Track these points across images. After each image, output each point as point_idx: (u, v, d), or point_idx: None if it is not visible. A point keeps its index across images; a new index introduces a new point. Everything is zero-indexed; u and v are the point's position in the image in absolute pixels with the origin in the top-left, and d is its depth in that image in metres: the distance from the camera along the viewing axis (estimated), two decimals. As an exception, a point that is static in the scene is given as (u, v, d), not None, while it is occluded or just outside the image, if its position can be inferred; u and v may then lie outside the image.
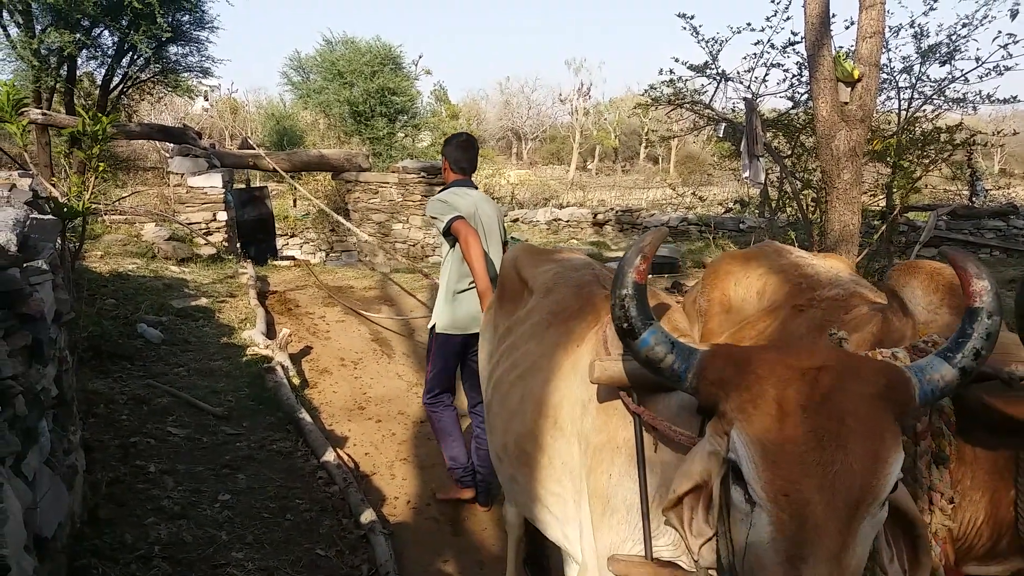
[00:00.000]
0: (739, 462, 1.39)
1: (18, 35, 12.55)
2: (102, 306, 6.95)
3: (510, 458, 2.57)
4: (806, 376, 1.39)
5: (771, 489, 1.33)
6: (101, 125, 5.23)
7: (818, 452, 1.31)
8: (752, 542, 1.37)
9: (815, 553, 1.28)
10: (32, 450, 2.36)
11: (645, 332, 1.58)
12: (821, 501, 1.29)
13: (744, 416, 1.40)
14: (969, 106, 10.03)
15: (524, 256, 3.26)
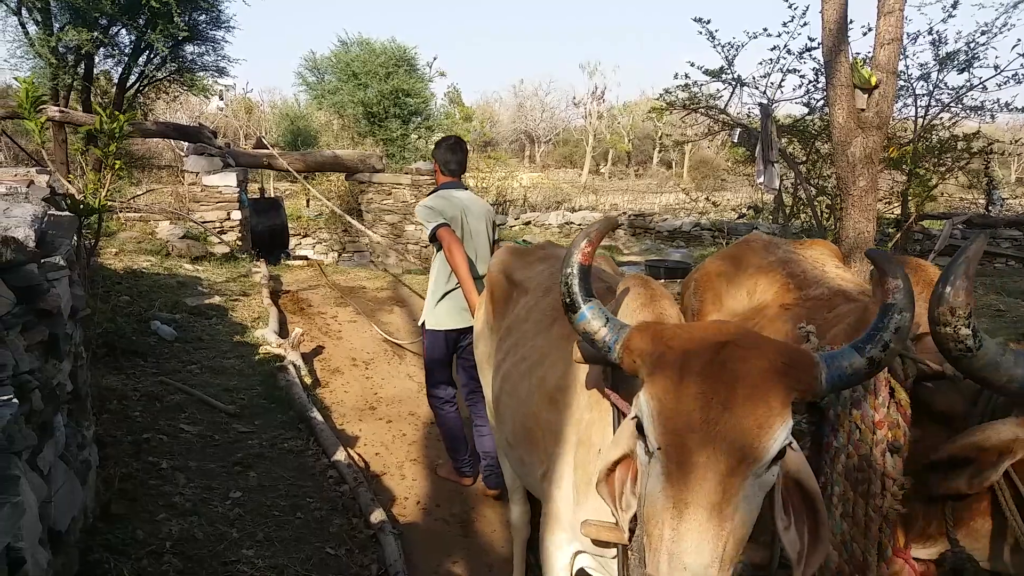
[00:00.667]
0: (641, 418, 1.58)
1: (36, 33, 12.65)
2: (116, 303, 6.99)
3: (521, 443, 2.75)
4: (709, 348, 1.57)
5: (662, 440, 1.51)
6: (118, 123, 5.26)
7: (705, 411, 1.48)
8: (647, 491, 1.54)
9: (696, 500, 1.44)
10: (48, 444, 2.38)
11: (584, 307, 1.77)
12: (703, 454, 1.45)
13: (650, 379, 1.59)
14: (987, 114, 9.98)
15: (511, 259, 3.46)
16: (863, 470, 1.93)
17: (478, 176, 19.18)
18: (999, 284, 12.41)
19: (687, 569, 1.43)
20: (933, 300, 1.65)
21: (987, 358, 1.64)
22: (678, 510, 1.46)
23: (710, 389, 1.51)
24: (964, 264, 1.65)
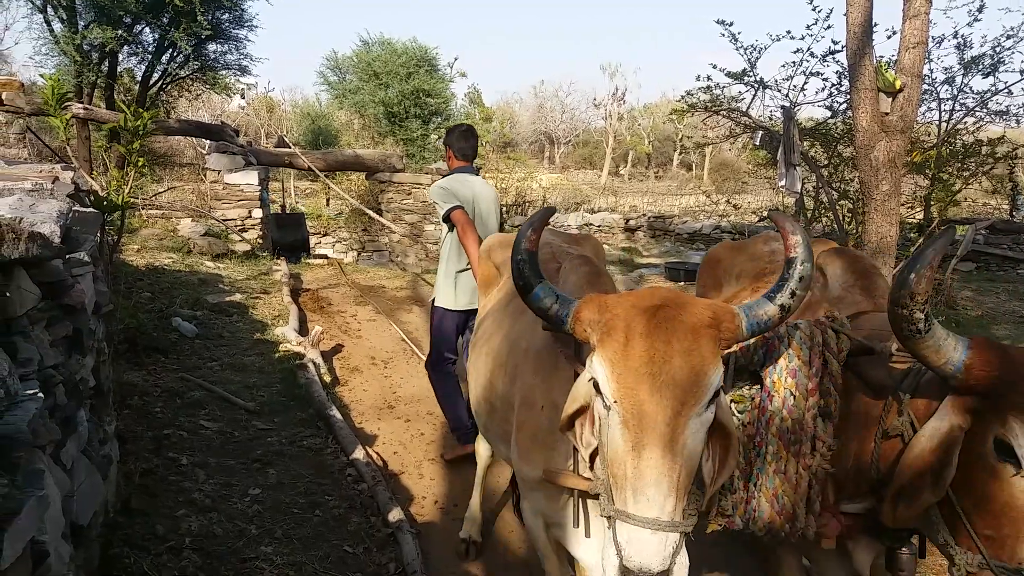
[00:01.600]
0: (596, 378, 1.84)
1: (61, 30, 12.77)
2: (138, 299, 7.04)
3: (489, 416, 3.07)
4: (646, 312, 1.83)
5: (617, 395, 1.77)
6: (142, 120, 5.29)
7: (650, 365, 1.75)
8: (609, 439, 1.80)
9: (651, 441, 1.71)
10: (71, 439, 2.39)
11: (536, 287, 2.02)
12: (652, 401, 1.72)
13: (601, 344, 1.85)
14: (1012, 119, 9.87)
15: (495, 246, 3.78)
16: (795, 432, 2.22)
17: (497, 176, 19.16)
18: (1022, 291, 12.28)
19: (650, 500, 1.70)
20: (896, 284, 1.88)
21: (932, 340, 1.89)
22: (637, 452, 1.72)
23: (652, 346, 1.77)
24: (931, 254, 1.84)
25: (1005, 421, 1.85)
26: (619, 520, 1.75)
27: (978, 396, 1.92)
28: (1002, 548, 1.88)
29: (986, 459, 1.90)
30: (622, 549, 1.74)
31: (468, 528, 4.10)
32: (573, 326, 1.95)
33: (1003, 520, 1.88)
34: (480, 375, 3.17)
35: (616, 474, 1.78)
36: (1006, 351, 1.94)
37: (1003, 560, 1.87)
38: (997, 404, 1.88)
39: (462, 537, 4.07)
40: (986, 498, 1.91)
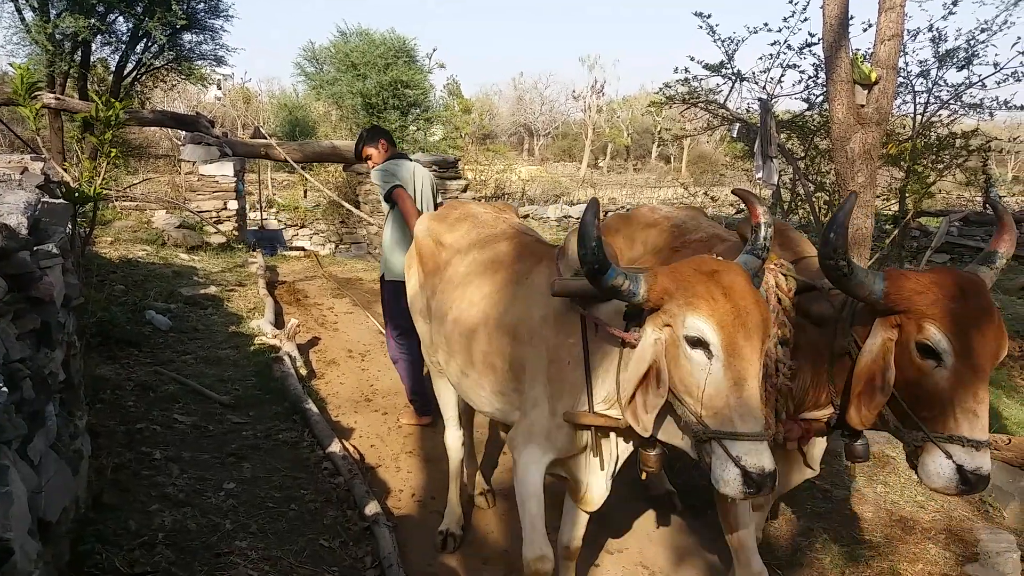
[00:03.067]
0: (702, 335, 2.25)
1: (33, 19, 12.58)
2: (111, 292, 6.96)
3: (476, 371, 3.36)
4: (714, 276, 2.32)
5: (724, 344, 2.23)
6: (114, 111, 5.23)
7: (740, 318, 2.25)
8: (712, 381, 2.26)
9: (749, 375, 2.24)
10: (38, 434, 2.35)
11: (609, 270, 2.33)
12: (747, 346, 2.24)
13: (694, 306, 2.27)
14: (986, 112, 9.95)
15: (435, 224, 4.00)
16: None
17: (476, 168, 19.14)
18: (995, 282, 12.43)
19: (756, 419, 2.23)
20: (822, 242, 2.48)
21: (856, 279, 2.49)
22: (739, 385, 2.23)
23: (734, 304, 2.26)
24: (842, 217, 2.49)
25: (922, 329, 2.46)
26: (730, 440, 2.22)
27: (899, 314, 2.51)
28: (935, 423, 2.50)
29: (914, 360, 2.50)
30: (741, 460, 2.20)
31: (447, 521, 4.16)
32: (648, 296, 2.34)
33: (933, 403, 2.49)
34: (472, 343, 3.35)
35: (718, 407, 2.25)
36: (914, 276, 2.54)
37: (938, 431, 2.49)
38: (914, 317, 2.48)
39: (441, 530, 4.12)
40: (918, 389, 2.53)
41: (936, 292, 2.47)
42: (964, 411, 2.45)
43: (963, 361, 2.42)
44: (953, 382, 2.45)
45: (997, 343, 2.46)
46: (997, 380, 7.73)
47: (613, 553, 4.16)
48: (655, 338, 2.35)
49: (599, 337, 2.70)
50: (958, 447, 2.45)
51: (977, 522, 4.46)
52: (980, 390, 2.46)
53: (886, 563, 4.09)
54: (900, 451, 5.28)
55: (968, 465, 2.43)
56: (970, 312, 2.44)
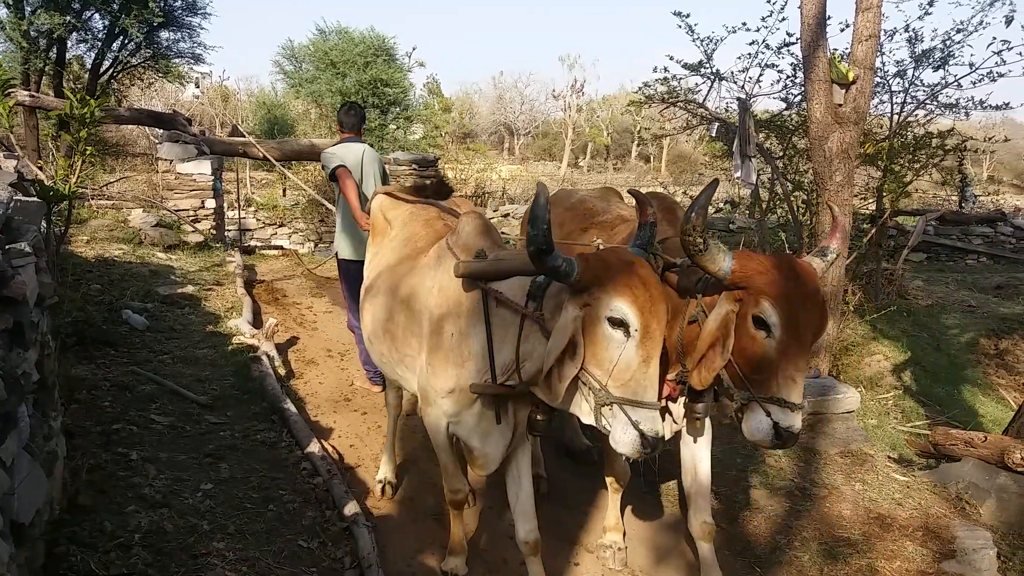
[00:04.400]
0: (620, 315, 2.56)
1: (7, 16, 12.42)
2: (87, 291, 6.89)
3: (379, 338, 3.77)
4: (633, 266, 2.65)
5: (641, 325, 2.56)
6: (89, 108, 5.17)
7: (653, 303, 2.59)
8: (624, 357, 2.58)
9: (655, 353, 2.61)
10: (11, 435, 2.32)
11: (553, 252, 2.58)
12: (657, 330, 2.59)
13: (617, 292, 2.57)
14: (962, 112, 10.04)
15: (385, 202, 4.37)
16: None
17: (456, 167, 19.09)
18: (971, 280, 12.57)
19: (653, 391, 2.60)
20: (682, 222, 2.82)
21: (709, 256, 2.87)
22: (647, 362, 2.59)
23: (649, 294, 2.60)
24: (702, 200, 2.86)
25: (758, 303, 2.87)
26: (631, 408, 2.57)
27: (741, 289, 2.92)
28: (761, 386, 2.93)
29: (749, 330, 2.91)
30: (640, 425, 2.56)
31: (384, 471, 4.63)
32: (579, 278, 2.61)
33: (761, 368, 2.92)
34: (379, 312, 3.76)
35: (625, 379, 2.58)
36: (757, 258, 2.97)
37: (762, 393, 2.92)
38: (753, 293, 2.88)
39: (379, 479, 4.60)
40: (750, 356, 2.93)
41: (774, 273, 2.89)
42: (785, 377, 2.88)
43: (788, 334, 2.85)
44: (779, 351, 2.87)
45: (819, 322, 2.91)
46: (973, 378, 7.83)
47: (593, 552, 4.16)
48: (575, 315, 2.61)
49: (498, 312, 3.01)
50: (776, 407, 2.89)
51: (954, 519, 4.50)
52: (801, 360, 2.90)
53: (864, 560, 4.12)
54: (878, 449, 5.33)
55: (783, 423, 2.88)
56: (799, 293, 2.87)
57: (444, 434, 3.38)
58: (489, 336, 3.02)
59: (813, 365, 6.32)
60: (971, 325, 9.76)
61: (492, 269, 3.01)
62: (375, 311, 3.82)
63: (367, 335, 3.98)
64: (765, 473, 4.97)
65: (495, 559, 4.03)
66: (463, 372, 3.11)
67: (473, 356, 3.09)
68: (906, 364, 7.98)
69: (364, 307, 4.02)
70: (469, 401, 3.17)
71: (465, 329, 3.11)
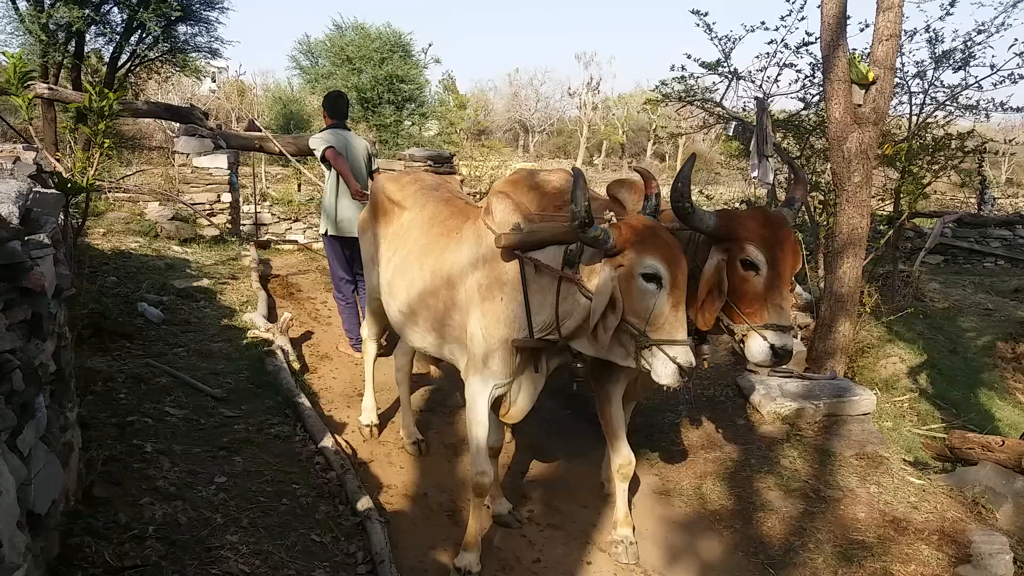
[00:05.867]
0: (653, 271, 3.07)
1: (27, 9, 12.49)
2: (103, 283, 6.92)
3: (413, 311, 4.13)
4: (656, 230, 3.21)
5: (669, 277, 3.08)
6: (108, 101, 5.19)
7: (678, 260, 3.14)
8: (658, 305, 3.09)
9: (681, 300, 3.14)
10: (28, 426, 2.33)
11: (594, 224, 3.06)
12: (681, 279, 3.13)
13: (648, 251, 3.09)
14: (982, 113, 9.94)
15: (389, 184, 4.68)
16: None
17: (471, 164, 19.08)
18: (988, 283, 12.46)
19: (683, 330, 3.13)
20: (672, 190, 3.38)
21: (696, 215, 3.45)
22: (676, 307, 3.11)
23: (672, 251, 3.15)
24: (686, 171, 3.42)
25: (744, 249, 3.43)
26: (668, 346, 3.08)
27: (727, 241, 3.47)
28: (754, 317, 3.48)
29: (739, 272, 3.47)
30: (677, 359, 3.06)
31: (367, 415, 5.27)
32: (615, 244, 3.10)
33: (753, 302, 3.47)
34: (410, 286, 4.11)
35: (660, 323, 3.10)
36: (736, 213, 3.59)
37: (757, 322, 3.46)
38: (738, 242, 3.44)
39: (364, 423, 5.24)
40: (743, 293, 3.49)
41: (752, 224, 3.48)
42: (774, 306, 3.44)
43: (772, 269, 3.43)
44: (767, 285, 3.44)
45: (795, 258, 3.53)
46: (990, 382, 7.76)
47: (606, 551, 4.15)
48: (612, 275, 3.13)
49: (536, 278, 3.44)
50: (771, 332, 3.43)
51: (970, 523, 4.46)
52: (784, 289, 3.48)
53: (879, 564, 4.09)
54: (894, 452, 5.29)
55: (777, 344, 3.42)
56: (777, 237, 3.46)
57: (486, 404, 3.72)
58: (526, 297, 3.45)
59: (829, 366, 6.29)
60: (988, 328, 9.68)
61: (530, 240, 3.41)
62: (406, 284, 4.16)
63: (397, 308, 4.30)
64: (779, 474, 4.94)
65: (508, 557, 4.03)
66: (511, 331, 3.54)
67: (517, 317, 3.52)
68: (922, 367, 7.92)
69: (392, 287, 4.33)
70: (514, 359, 3.61)
71: (511, 294, 3.53)
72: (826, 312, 6.48)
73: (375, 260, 4.62)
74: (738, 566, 4.14)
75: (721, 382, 6.23)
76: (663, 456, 5.26)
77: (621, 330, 3.18)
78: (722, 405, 5.86)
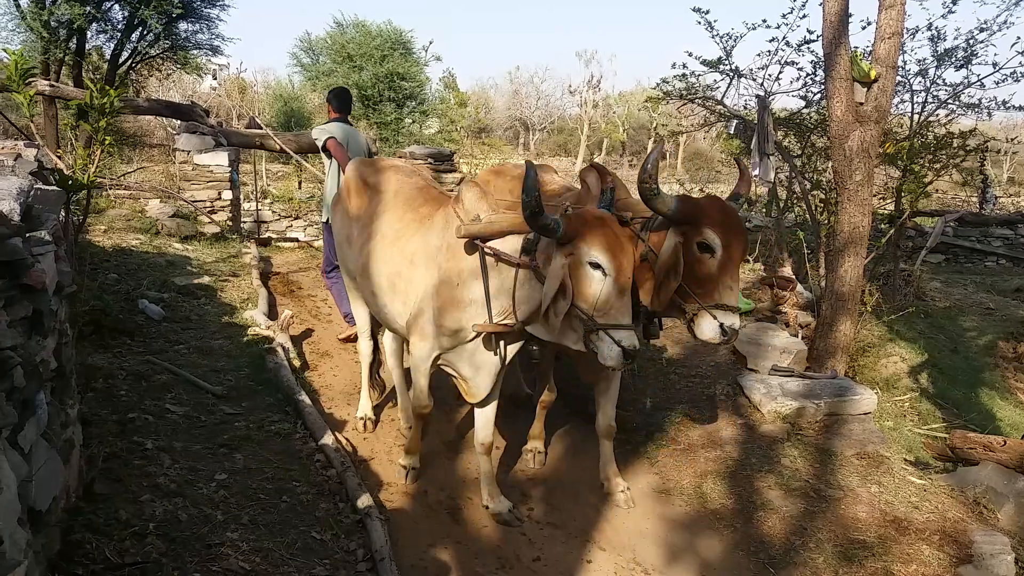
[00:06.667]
0: (598, 259, 3.30)
1: (28, 6, 12.49)
2: (104, 280, 6.91)
3: (382, 291, 4.39)
4: (604, 220, 3.43)
5: (614, 266, 3.31)
6: (109, 98, 5.18)
7: (623, 248, 3.36)
8: (604, 291, 3.32)
9: (627, 287, 3.36)
10: (29, 422, 2.32)
11: (543, 213, 3.31)
12: (627, 267, 3.34)
13: (595, 242, 3.31)
14: (984, 112, 9.93)
15: (363, 168, 4.93)
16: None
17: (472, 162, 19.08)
18: (989, 283, 12.45)
19: (627, 315, 3.37)
20: (640, 175, 3.67)
21: (660, 198, 3.71)
22: (621, 293, 3.34)
23: (619, 240, 3.36)
24: (653, 157, 3.69)
25: (702, 232, 3.71)
26: (614, 330, 3.31)
27: (685, 224, 3.74)
28: (705, 297, 3.77)
29: (694, 253, 3.73)
30: (622, 343, 3.28)
31: (363, 409, 5.44)
32: (564, 232, 3.32)
33: (705, 283, 3.76)
34: (381, 265, 4.37)
35: (607, 309, 3.32)
36: (694, 200, 3.86)
37: (708, 302, 3.76)
38: (696, 225, 3.73)
39: (359, 416, 5.40)
40: (698, 275, 3.76)
41: (710, 209, 3.78)
42: (724, 287, 3.74)
43: (725, 253, 3.72)
44: (719, 267, 3.73)
45: (745, 244, 3.87)
46: (991, 381, 7.75)
47: (606, 550, 4.15)
48: (562, 263, 3.34)
49: (495, 265, 3.68)
50: (720, 311, 3.73)
51: (971, 523, 4.46)
52: (734, 273, 3.77)
53: (880, 563, 4.08)
54: (895, 452, 5.29)
55: (726, 323, 3.73)
56: (729, 223, 3.77)
57: (429, 363, 4.12)
58: (486, 284, 3.71)
59: (830, 366, 6.28)
60: (989, 328, 9.67)
61: (489, 230, 3.66)
62: (377, 265, 4.42)
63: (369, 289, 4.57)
64: (780, 473, 4.94)
65: (508, 555, 4.03)
66: (464, 315, 3.82)
67: (473, 301, 3.79)
68: (923, 366, 7.91)
69: (365, 270, 4.55)
70: (467, 339, 3.91)
71: (467, 279, 3.79)
72: (827, 311, 6.47)
73: (350, 242, 4.82)
74: (738, 565, 4.14)
75: (722, 381, 6.23)
76: (663, 455, 5.26)
77: (572, 315, 3.39)
78: (723, 404, 5.85)
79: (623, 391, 5.10)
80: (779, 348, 6.44)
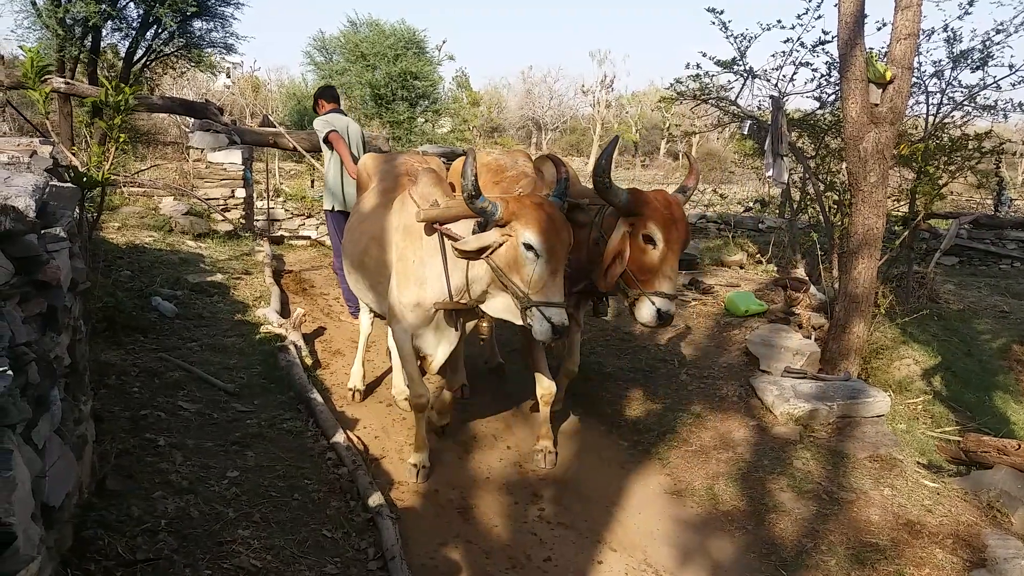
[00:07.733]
0: (531, 241, 3.57)
1: (44, 4, 12.55)
2: (117, 277, 6.95)
3: (361, 272, 4.82)
4: (544, 205, 3.71)
5: (545, 248, 3.57)
6: (124, 96, 5.20)
7: (557, 232, 3.63)
8: (536, 272, 3.59)
9: (559, 268, 3.66)
10: (43, 418, 2.33)
11: (479, 197, 3.61)
12: (559, 250, 3.64)
13: (530, 224, 3.58)
14: (1000, 114, 9.85)
15: (372, 160, 5.47)
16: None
17: (484, 161, 19.03)
18: (1004, 285, 12.35)
19: (559, 294, 3.64)
20: (593, 168, 4.09)
21: (612, 191, 4.12)
22: (553, 274, 3.62)
23: (555, 223, 3.64)
24: (609, 151, 4.19)
25: (647, 225, 4.10)
26: (545, 307, 3.58)
27: (633, 216, 4.13)
28: (647, 284, 4.16)
29: (639, 244, 4.13)
30: (552, 319, 3.57)
31: (354, 380, 5.76)
32: (501, 216, 3.62)
33: (647, 271, 4.15)
34: (358, 247, 4.79)
35: (540, 287, 3.59)
36: (644, 193, 4.21)
37: (648, 289, 4.15)
38: (643, 218, 4.11)
39: (350, 387, 5.74)
40: (640, 263, 4.15)
41: (656, 204, 4.14)
42: (663, 276, 4.13)
43: (666, 245, 4.11)
44: (660, 258, 4.12)
45: (686, 237, 4.20)
46: (1005, 385, 7.69)
47: (617, 551, 4.14)
48: (497, 236, 3.63)
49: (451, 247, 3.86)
50: (658, 298, 4.13)
51: (985, 527, 4.42)
52: (674, 263, 4.17)
53: (892, 567, 4.06)
54: (908, 455, 5.26)
55: (663, 308, 4.13)
56: (673, 217, 4.14)
57: (409, 344, 4.36)
58: (445, 264, 3.99)
59: (843, 368, 6.25)
60: (1003, 331, 9.58)
61: (445, 215, 3.94)
62: (353, 247, 4.88)
63: (347, 267, 5.08)
64: (792, 476, 4.92)
65: (519, 555, 4.02)
66: (422, 291, 4.12)
67: (430, 279, 4.08)
68: (936, 369, 7.85)
69: (344, 245, 5.12)
70: (427, 315, 4.20)
71: (424, 259, 4.09)
72: (840, 313, 6.44)
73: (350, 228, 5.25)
74: (750, 568, 4.12)
75: (734, 382, 6.20)
76: (675, 456, 5.24)
77: (511, 292, 3.68)
78: (735, 406, 5.83)
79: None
80: (792, 350, 6.41)
